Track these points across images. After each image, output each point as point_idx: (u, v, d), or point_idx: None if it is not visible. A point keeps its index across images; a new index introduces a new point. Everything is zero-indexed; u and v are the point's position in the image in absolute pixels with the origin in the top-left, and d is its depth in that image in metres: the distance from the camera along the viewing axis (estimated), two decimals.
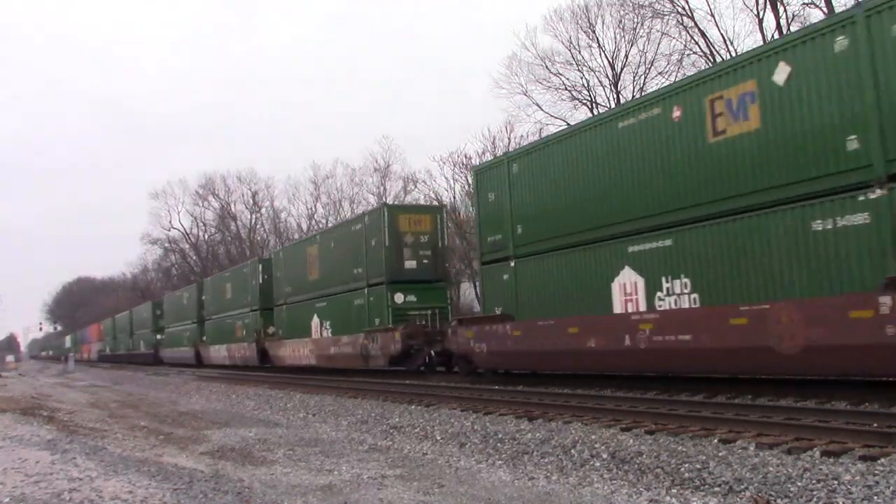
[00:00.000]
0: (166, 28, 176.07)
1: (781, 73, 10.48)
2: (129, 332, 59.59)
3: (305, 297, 26.39)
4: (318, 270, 25.57)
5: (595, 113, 34.44)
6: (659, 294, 12.65)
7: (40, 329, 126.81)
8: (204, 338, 39.42)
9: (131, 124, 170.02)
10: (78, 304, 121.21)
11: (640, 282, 13.02)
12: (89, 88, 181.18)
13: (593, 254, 14.15)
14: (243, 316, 32.78)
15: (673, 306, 12.37)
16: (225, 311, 35.63)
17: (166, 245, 78.33)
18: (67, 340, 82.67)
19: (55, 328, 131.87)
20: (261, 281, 31.09)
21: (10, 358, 73.38)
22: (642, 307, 12.94)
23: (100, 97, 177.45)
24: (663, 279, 12.58)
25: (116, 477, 7.21)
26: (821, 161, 10.10)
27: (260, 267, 31.62)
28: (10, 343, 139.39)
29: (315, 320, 25.37)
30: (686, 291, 12.16)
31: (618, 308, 13.48)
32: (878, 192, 9.43)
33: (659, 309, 12.60)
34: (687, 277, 12.15)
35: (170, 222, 75.56)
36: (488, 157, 35.11)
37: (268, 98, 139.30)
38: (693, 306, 12.01)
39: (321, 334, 24.87)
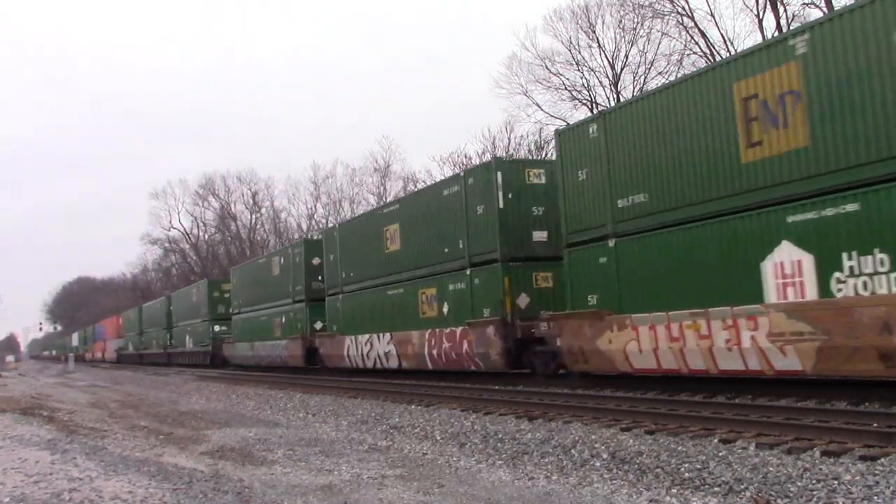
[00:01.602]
0: (167, 27, 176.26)
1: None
2: (166, 324, 46.70)
3: (775, 198, 10.50)
4: (806, 131, 10.06)
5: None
6: None
7: (40, 329, 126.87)
8: (318, 324, 26.17)
9: (131, 124, 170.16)
10: (78, 304, 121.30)
11: None
12: (89, 87, 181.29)
13: None
14: (447, 279, 17.93)
15: None
16: (385, 275, 20.81)
17: (166, 245, 78.55)
18: (74, 338, 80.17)
19: (55, 328, 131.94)
20: (500, 204, 16.02)
21: (10, 358, 73.26)
22: None
23: (100, 96, 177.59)
24: None
25: (116, 477, 7.21)
26: None
27: (499, 177, 16.09)
28: (10, 343, 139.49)
29: (782, 252, 10.34)
30: None
31: None
32: None
33: None
34: None
35: (170, 222, 75.76)
36: (488, 157, 34.73)
37: (268, 98, 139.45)
38: None
39: (817, 291, 9.92)
